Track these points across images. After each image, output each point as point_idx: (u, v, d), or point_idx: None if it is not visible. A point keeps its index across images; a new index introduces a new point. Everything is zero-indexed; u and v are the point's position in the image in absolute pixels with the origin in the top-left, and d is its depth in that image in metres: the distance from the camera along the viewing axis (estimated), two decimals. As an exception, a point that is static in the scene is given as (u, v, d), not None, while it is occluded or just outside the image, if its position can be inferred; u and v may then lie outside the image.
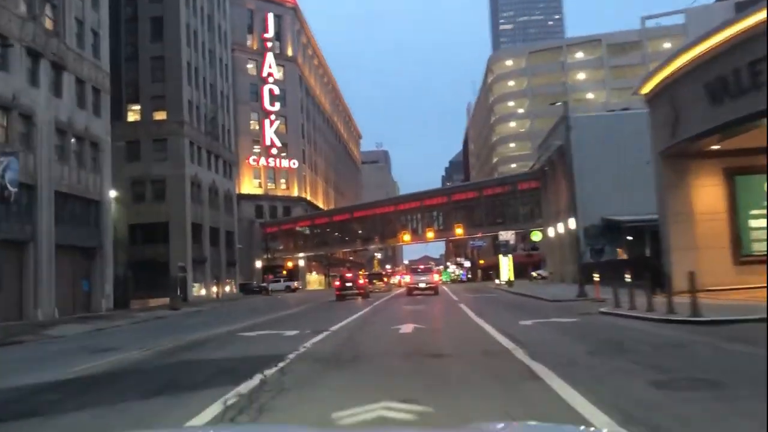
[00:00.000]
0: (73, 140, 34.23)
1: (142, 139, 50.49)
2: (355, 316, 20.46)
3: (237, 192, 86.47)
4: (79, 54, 35.22)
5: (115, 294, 40.22)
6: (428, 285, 37.91)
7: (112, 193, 48.83)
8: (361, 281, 40.29)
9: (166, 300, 42.53)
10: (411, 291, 37.81)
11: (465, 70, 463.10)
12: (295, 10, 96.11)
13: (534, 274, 67.38)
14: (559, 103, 35.49)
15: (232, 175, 63.12)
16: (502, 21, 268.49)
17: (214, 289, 56.39)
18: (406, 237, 62.66)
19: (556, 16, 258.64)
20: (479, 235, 70.26)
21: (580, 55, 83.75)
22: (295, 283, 70.94)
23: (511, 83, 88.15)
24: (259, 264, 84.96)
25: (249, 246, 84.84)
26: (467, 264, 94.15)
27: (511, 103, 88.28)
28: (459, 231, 58.70)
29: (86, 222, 35.84)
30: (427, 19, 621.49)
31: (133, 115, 51.64)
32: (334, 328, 15.75)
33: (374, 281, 52.41)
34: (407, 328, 14.76)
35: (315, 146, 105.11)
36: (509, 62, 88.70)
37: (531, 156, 78.32)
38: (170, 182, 50.07)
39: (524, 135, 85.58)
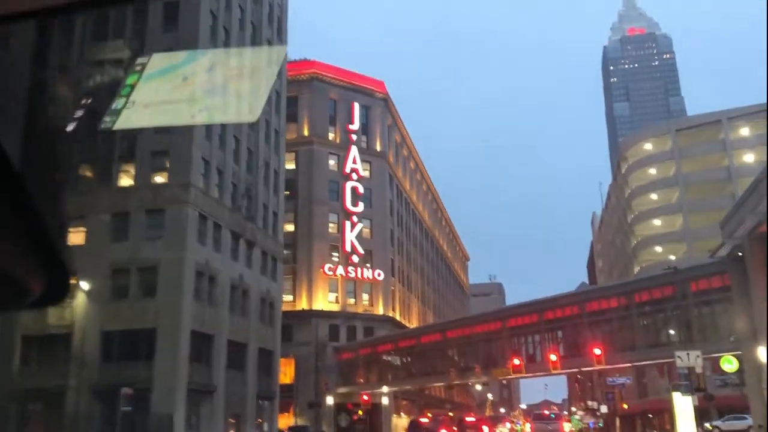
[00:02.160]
0: None
1: (133, 210, 35.72)
2: None
3: (308, 308, 70.82)
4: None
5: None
6: None
7: (84, 285, 33.91)
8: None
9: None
10: None
11: (583, 196, 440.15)
12: (386, 101, 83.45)
13: (709, 426, 44.74)
14: None
15: (277, 274, 46.90)
16: (620, 140, 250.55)
17: (231, 433, 38.65)
18: (516, 362, 42.83)
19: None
20: (625, 365, 49.07)
21: (745, 131, 63.92)
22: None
23: (653, 171, 68.83)
24: (330, 400, 66.75)
25: (317, 376, 67.42)
26: (603, 409, 70.98)
27: (654, 196, 68.47)
28: (597, 352, 38.49)
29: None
30: (541, 145, 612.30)
31: (125, 178, 37.33)
32: None
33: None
34: None
35: (408, 258, 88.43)
36: (648, 145, 69.94)
37: (687, 261, 57.48)
38: (164, 269, 34.33)
39: (675, 236, 64.97)
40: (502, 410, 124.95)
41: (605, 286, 58.13)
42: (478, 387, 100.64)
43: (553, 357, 43.14)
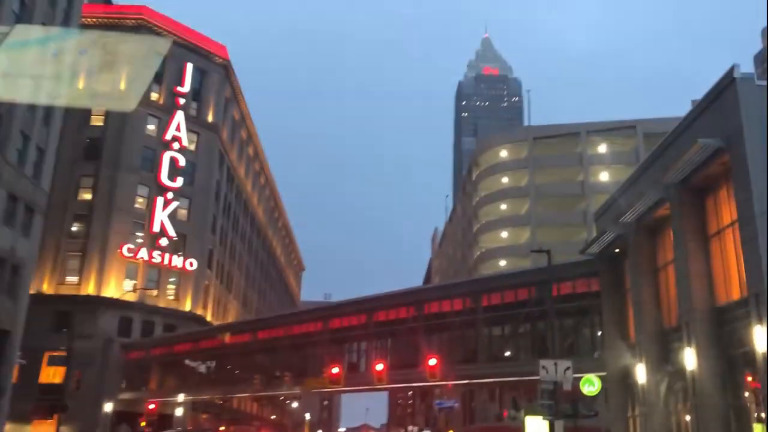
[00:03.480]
0: None
1: None
2: None
3: (96, 294, 58.10)
4: None
5: None
6: None
7: None
8: None
9: None
10: None
11: (428, 221, 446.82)
12: (227, 69, 72.87)
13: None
14: None
15: (32, 230, 34.79)
16: (473, 146, 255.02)
17: None
18: (335, 371, 34.09)
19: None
20: (459, 382, 42.07)
21: (603, 147, 60.89)
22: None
23: (506, 179, 64.16)
24: (109, 407, 54.31)
25: (101, 377, 55.03)
26: (427, 435, 64.55)
27: (503, 206, 63.65)
28: (432, 363, 30.87)
29: None
30: (391, 166, 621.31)
31: None
32: None
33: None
34: None
35: (232, 252, 77.60)
36: (504, 152, 65.27)
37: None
38: None
39: (521, 249, 60.06)
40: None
41: (450, 283, 51.21)
42: (295, 404, 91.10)
43: (379, 367, 35.01)
